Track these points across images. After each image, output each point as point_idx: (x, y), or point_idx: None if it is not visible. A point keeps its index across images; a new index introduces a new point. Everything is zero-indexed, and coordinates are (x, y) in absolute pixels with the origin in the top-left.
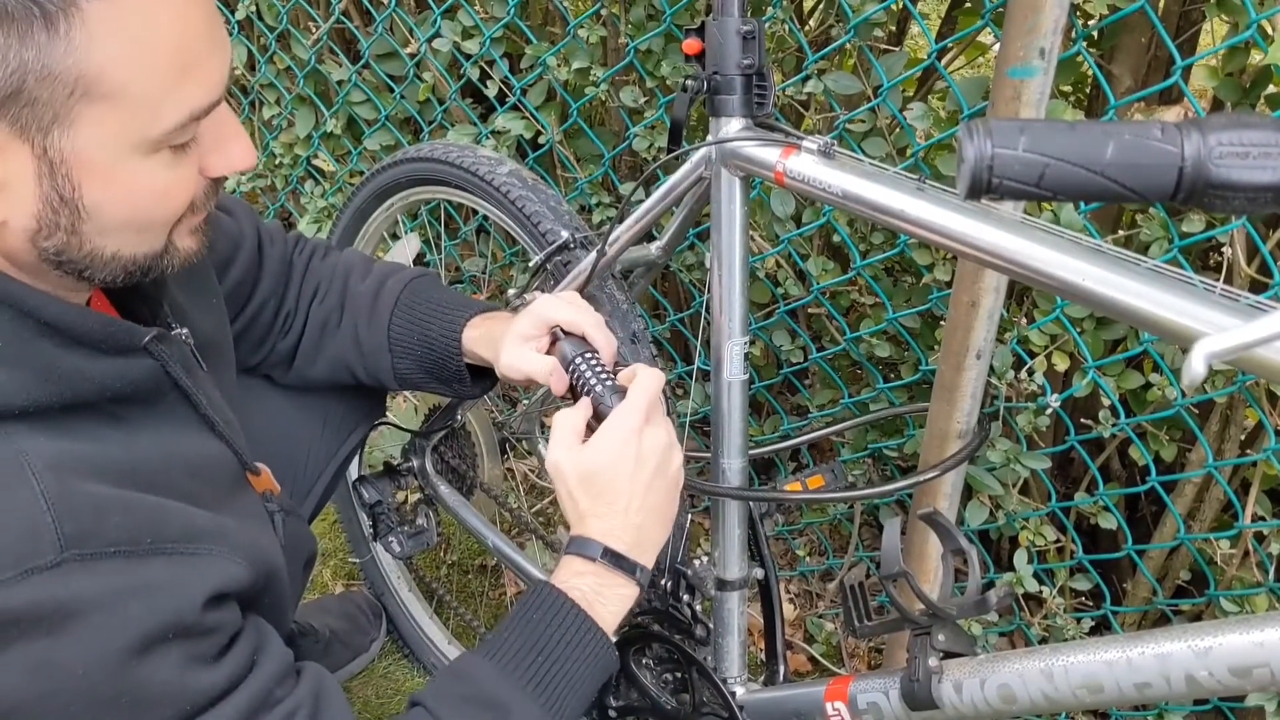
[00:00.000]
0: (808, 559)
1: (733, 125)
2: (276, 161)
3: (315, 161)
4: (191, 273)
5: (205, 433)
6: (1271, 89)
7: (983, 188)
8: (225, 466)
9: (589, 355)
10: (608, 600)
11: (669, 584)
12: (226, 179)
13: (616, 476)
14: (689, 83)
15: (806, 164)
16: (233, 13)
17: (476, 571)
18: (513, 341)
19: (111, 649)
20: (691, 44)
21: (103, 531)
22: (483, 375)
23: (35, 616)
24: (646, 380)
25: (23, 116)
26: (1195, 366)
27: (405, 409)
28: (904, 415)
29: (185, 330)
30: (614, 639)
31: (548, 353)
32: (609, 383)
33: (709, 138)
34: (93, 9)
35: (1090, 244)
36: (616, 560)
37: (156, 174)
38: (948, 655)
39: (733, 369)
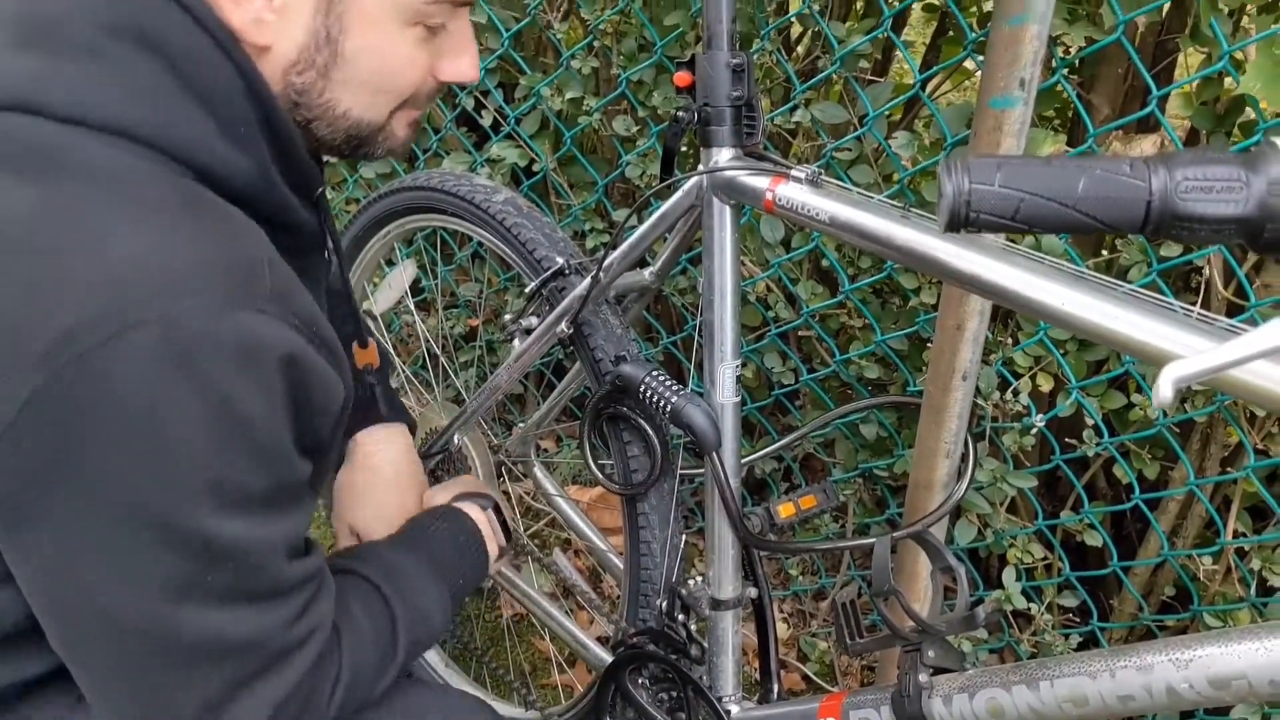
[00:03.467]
0: (801, 578)
1: (723, 155)
2: None
3: None
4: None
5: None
6: (1244, 117)
7: (961, 221)
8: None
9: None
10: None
11: (664, 603)
12: (448, 87)
13: None
14: (680, 114)
15: (795, 192)
16: None
17: (472, 594)
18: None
19: (277, 402)
20: (682, 76)
21: (294, 306)
22: None
23: (236, 347)
24: None
25: None
26: (1163, 391)
27: None
28: (889, 405)
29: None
30: None
31: None
32: None
33: (700, 167)
34: None
35: (1070, 269)
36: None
37: (406, 45)
38: (938, 671)
39: (725, 391)
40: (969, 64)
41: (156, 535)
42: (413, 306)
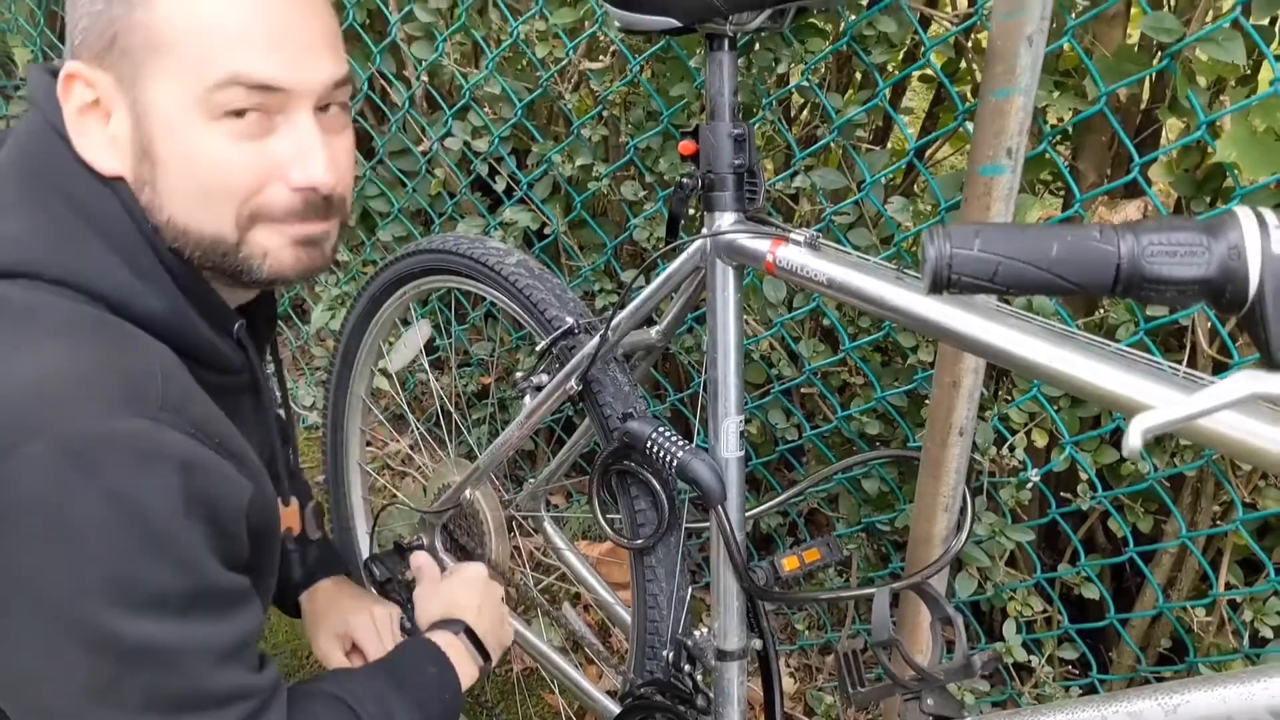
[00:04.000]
0: (807, 633)
1: (726, 219)
2: None
3: None
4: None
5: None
6: (1225, 183)
7: (944, 284)
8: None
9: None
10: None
11: (670, 654)
12: (326, 199)
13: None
14: (685, 180)
15: (794, 254)
16: None
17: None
18: (324, 631)
19: (176, 500)
20: (687, 145)
21: (191, 415)
22: None
23: (129, 449)
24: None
25: (118, 66)
26: (1131, 440)
27: (415, 489)
28: (890, 460)
29: (272, 373)
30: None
31: None
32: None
33: (704, 230)
34: None
35: (1057, 328)
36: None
37: (215, 143)
38: (937, 719)
39: (729, 446)
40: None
41: (71, 635)
42: (427, 365)
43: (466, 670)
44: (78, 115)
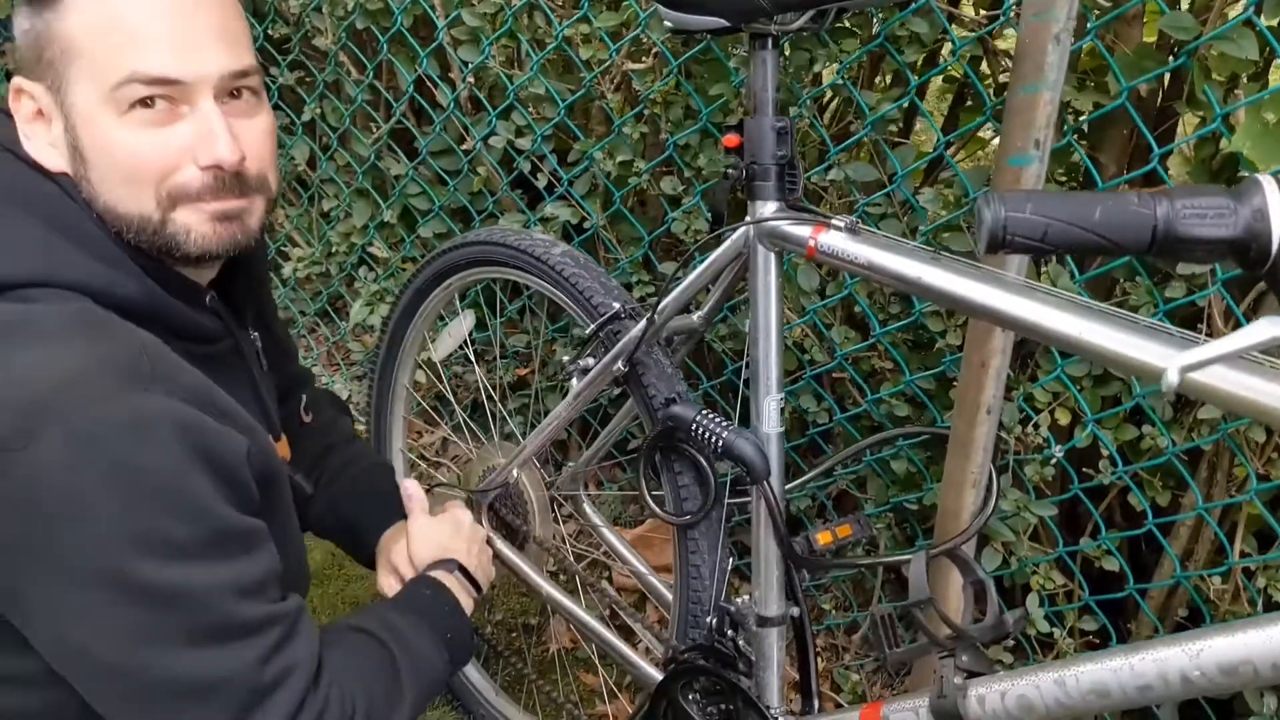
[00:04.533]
0: (834, 612)
1: (769, 207)
2: (332, 250)
3: (369, 249)
4: (276, 325)
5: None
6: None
7: (999, 244)
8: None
9: None
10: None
11: (714, 621)
12: (238, 176)
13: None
14: (730, 171)
15: (835, 239)
16: (299, 115)
17: (521, 629)
18: (384, 566)
19: (177, 458)
20: (731, 138)
21: (181, 382)
22: None
23: (128, 424)
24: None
25: (48, 77)
26: (1170, 377)
27: (449, 479)
28: (919, 440)
29: (256, 335)
30: None
31: None
32: None
33: (747, 218)
34: None
35: (1085, 302)
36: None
37: (128, 133)
38: (970, 675)
39: (770, 423)
40: (985, 132)
41: (110, 591)
42: (471, 354)
43: (464, 599)
44: (26, 124)
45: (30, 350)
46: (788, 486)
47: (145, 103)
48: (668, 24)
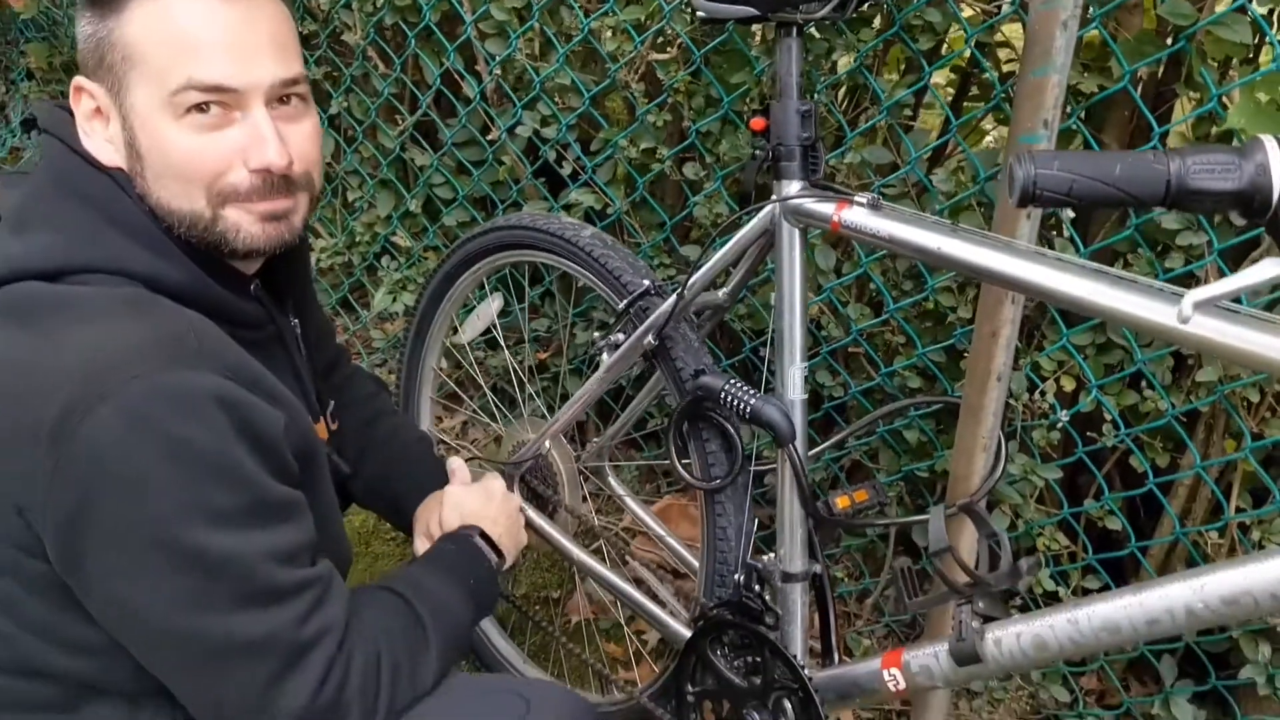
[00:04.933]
0: (845, 580)
1: (793, 186)
2: (355, 240)
3: (392, 238)
4: (317, 313)
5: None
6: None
7: (1029, 199)
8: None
9: None
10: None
11: (740, 578)
12: (285, 178)
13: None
14: (757, 152)
15: (858, 215)
16: (325, 109)
17: (542, 603)
18: (418, 531)
19: (223, 432)
20: (758, 121)
21: (225, 360)
22: None
23: (177, 399)
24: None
25: (108, 80)
26: (1185, 310)
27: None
28: (931, 409)
29: (297, 321)
30: None
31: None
32: None
33: (773, 196)
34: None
35: (1094, 266)
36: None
37: (183, 136)
38: (987, 620)
39: (795, 389)
40: (986, 124)
41: (163, 558)
42: (501, 337)
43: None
44: (85, 121)
45: (83, 329)
46: (816, 449)
47: (200, 108)
48: (700, 13)
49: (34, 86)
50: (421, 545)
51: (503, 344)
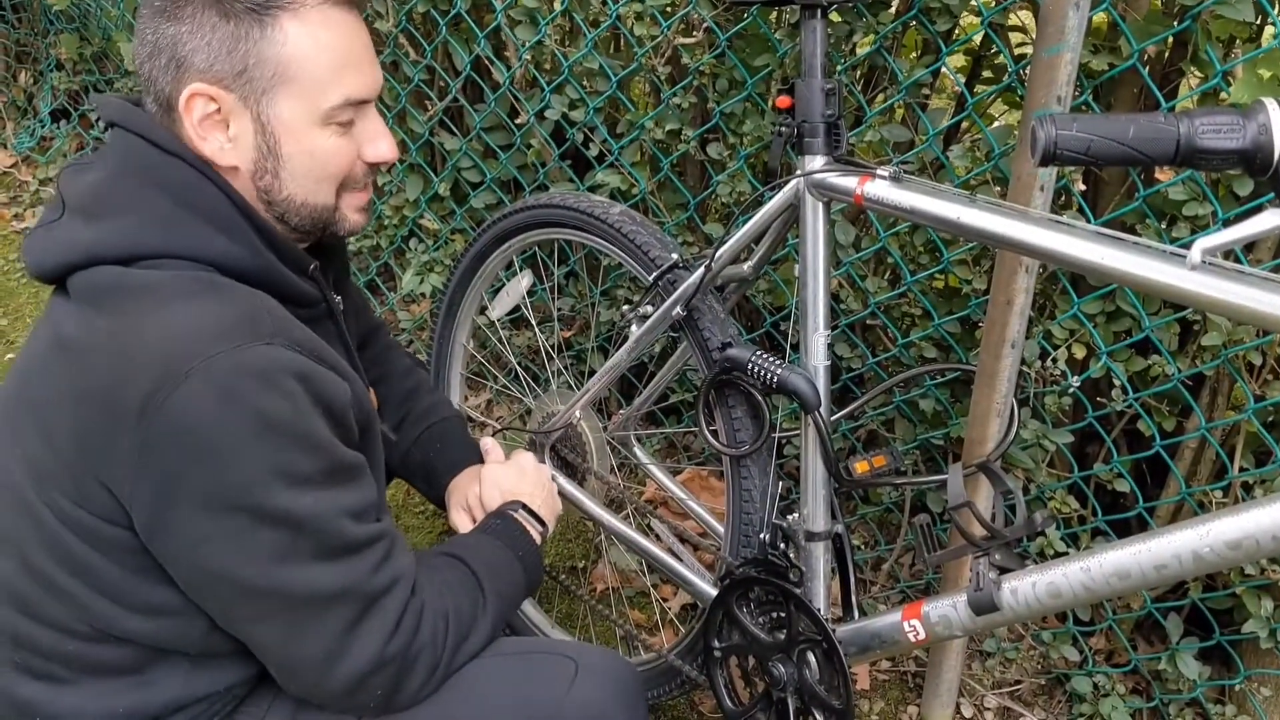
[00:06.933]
0: (861, 548)
1: (817, 161)
2: (384, 223)
3: (420, 221)
4: (352, 287)
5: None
6: None
7: (1051, 158)
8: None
9: None
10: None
11: (766, 536)
12: (380, 167)
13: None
14: (783, 129)
15: (880, 188)
16: None
17: (568, 572)
18: (455, 504)
19: (301, 402)
20: (783, 100)
21: (295, 337)
22: None
23: (259, 372)
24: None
25: (244, 89)
26: (1194, 256)
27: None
28: (947, 375)
29: (339, 298)
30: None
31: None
32: None
33: (798, 171)
34: (286, 18)
35: (1105, 232)
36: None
37: (327, 141)
38: (1003, 571)
39: (818, 356)
40: (995, 109)
41: (251, 518)
42: (530, 315)
43: (531, 532)
44: (199, 124)
45: (162, 311)
46: (838, 415)
47: (344, 120)
48: None
49: (63, 77)
50: (457, 517)
51: (531, 321)
